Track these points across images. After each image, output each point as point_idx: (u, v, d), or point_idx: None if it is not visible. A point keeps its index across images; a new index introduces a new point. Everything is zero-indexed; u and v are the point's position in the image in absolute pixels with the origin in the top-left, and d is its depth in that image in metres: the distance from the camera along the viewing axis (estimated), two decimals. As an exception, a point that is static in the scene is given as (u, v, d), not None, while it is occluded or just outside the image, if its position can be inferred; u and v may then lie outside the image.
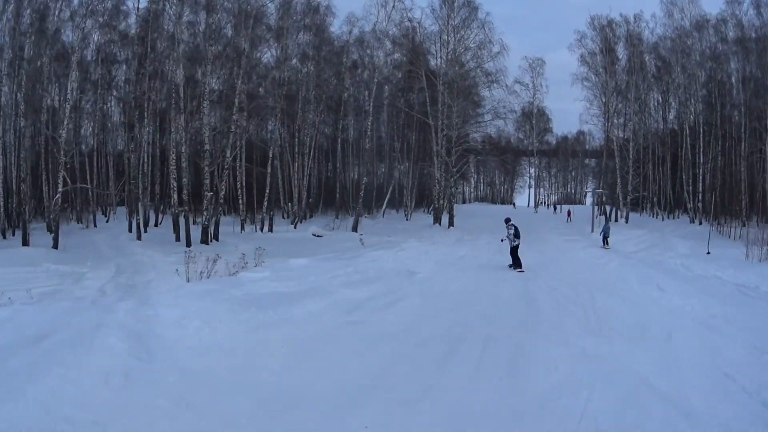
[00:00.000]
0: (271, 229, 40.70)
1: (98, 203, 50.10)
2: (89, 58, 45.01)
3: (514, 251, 20.97)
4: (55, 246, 28.90)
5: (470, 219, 53.51)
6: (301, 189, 47.52)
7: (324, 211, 53.65)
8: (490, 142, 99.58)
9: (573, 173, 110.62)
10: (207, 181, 33.00)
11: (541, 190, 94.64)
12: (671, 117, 55.62)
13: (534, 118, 70.66)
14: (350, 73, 54.67)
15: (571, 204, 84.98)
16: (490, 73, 42.53)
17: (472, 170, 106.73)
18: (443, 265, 21.44)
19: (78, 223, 43.88)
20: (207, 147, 32.77)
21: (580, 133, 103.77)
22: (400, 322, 11.31)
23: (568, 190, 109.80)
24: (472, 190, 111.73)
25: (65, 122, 30.69)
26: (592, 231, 41.96)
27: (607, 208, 58.24)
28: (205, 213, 33.14)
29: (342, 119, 53.66)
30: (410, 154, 54.56)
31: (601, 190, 49.69)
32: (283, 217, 47.58)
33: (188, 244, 30.34)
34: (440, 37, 43.90)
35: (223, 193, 36.52)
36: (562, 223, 52.56)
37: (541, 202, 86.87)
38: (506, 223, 21.96)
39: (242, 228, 40.88)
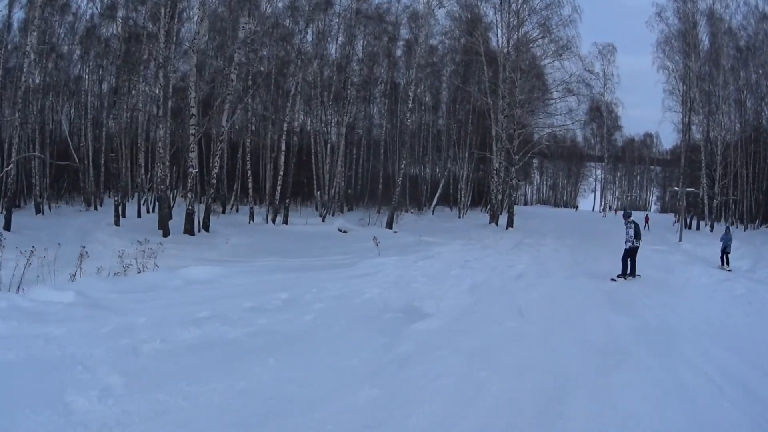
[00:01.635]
0: (286, 221, 30.88)
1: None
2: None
3: (631, 255, 14.79)
4: (7, 227, 22.36)
5: (531, 220, 42.78)
6: (334, 177, 37.47)
7: (369, 204, 43.51)
8: (555, 141, 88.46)
9: (638, 178, 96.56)
10: (192, 155, 23.50)
11: (607, 194, 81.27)
12: (749, 116, 42.97)
13: (603, 112, 57.93)
14: (406, 56, 44.66)
15: (634, 209, 72.23)
16: (560, 39, 31.20)
17: (535, 171, 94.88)
18: (485, 291, 11.05)
19: (87, 205, 35.38)
20: (192, 112, 23.27)
21: (647, 135, 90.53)
22: None
23: (633, 194, 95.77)
24: (534, 192, 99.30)
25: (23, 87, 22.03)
26: (680, 240, 30.73)
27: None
28: (189, 195, 23.78)
29: (394, 105, 43.57)
30: (468, 141, 43.39)
31: (692, 189, 37.44)
32: (316, 208, 37.86)
33: (165, 233, 22.16)
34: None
35: (215, 171, 26.77)
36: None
37: (608, 207, 74.05)
38: (625, 219, 15.49)
39: (251, 218, 31.34)
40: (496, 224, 33.88)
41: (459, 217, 41.04)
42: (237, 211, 36.94)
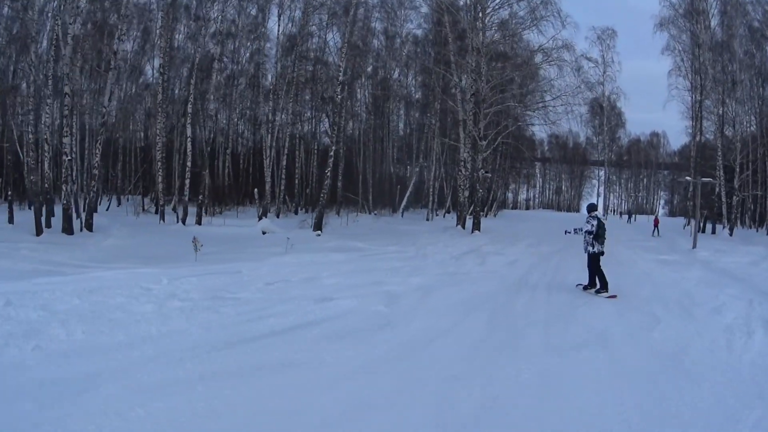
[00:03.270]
0: (199, 221, 22.99)
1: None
2: None
3: (594, 262, 9.67)
4: None
5: (517, 224, 34.33)
6: (280, 175, 29.46)
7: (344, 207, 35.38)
8: (556, 142, 79.31)
9: (645, 181, 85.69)
10: (65, 140, 16.25)
11: (611, 196, 70.82)
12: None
13: (604, 103, 48.13)
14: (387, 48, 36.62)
15: (642, 213, 62.39)
16: None
17: (537, 174, 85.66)
18: None
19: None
20: (65, 91, 16.00)
21: (654, 135, 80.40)
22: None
23: (641, 197, 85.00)
24: (537, 195, 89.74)
25: None
26: (694, 247, 22.08)
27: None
28: (64, 188, 18.47)
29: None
30: (439, 132, 34.72)
31: (709, 179, 28.15)
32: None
33: (38, 231, 17.79)
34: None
35: (97, 159, 19.16)
36: (643, 234, 31.21)
37: (611, 210, 64.19)
38: (588, 213, 10.24)
39: (162, 218, 23.59)
40: (463, 227, 25.41)
41: (428, 220, 32.45)
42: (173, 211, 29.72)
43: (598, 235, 9.75)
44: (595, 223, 9.79)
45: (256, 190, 28.46)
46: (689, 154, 58.96)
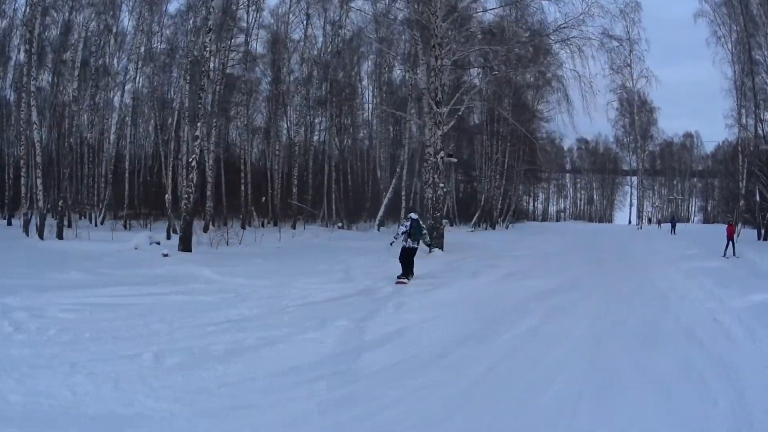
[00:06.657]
0: (60, 235, 14.52)
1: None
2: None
3: (407, 256, 10.16)
4: None
5: (525, 237, 25.32)
6: (204, 180, 20.62)
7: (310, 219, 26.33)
8: (586, 147, 68.28)
9: (678, 186, 71.67)
10: None
11: (645, 202, 57.33)
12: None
13: (634, 87, 36.81)
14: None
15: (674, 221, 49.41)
16: None
17: (569, 184, 74.25)
18: None
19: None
20: None
21: (687, 135, 67.48)
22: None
23: (680, 201, 70.69)
24: (569, 206, 77.46)
25: None
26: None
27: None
28: None
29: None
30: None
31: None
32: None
33: None
34: None
35: None
36: (699, 248, 19.51)
37: (648, 219, 52.18)
38: (406, 216, 11.56)
39: (24, 229, 16.19)
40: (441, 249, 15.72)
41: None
42: (102, 223, 22.21)
43: (411, 234, 10.29)
44: (408, 224, 10.51)
45: (167, 196, 19.66)
46: (722, 158, 46.83)
